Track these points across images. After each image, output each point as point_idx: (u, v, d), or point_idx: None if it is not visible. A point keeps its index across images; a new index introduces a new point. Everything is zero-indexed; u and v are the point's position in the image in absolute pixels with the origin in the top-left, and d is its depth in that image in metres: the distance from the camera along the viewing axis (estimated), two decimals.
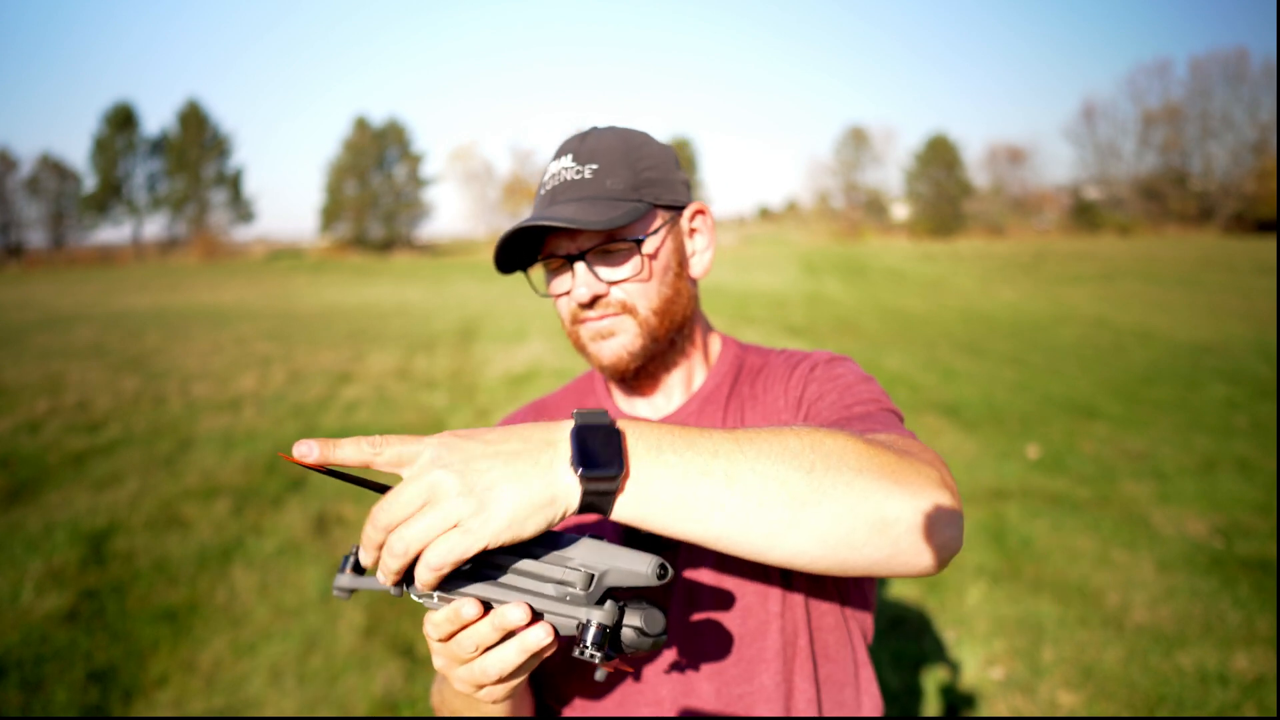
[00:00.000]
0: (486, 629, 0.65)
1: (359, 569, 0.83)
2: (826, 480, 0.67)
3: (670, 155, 1.02)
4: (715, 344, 1.10)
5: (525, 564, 0.66)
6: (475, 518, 0.60)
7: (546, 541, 0.67)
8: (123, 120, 47.20)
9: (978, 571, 3.76)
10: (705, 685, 0.95)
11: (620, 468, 0.63)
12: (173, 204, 48.48)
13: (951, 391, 7.56)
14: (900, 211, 53.40)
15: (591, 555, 0.65)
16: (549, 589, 0.65)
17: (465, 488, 0.61)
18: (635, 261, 0.96)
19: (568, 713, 1.00)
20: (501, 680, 0.68)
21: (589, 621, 0.63)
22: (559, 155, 0.99)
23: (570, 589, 0.64)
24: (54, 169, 46.07)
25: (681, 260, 1.02)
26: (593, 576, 0.64)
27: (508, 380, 8.41)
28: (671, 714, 0.95)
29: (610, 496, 0.64)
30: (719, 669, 0.95)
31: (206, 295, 20.12)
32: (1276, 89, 42.40)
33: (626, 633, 0.66)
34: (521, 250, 0.98)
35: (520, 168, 50.44)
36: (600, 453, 0.63)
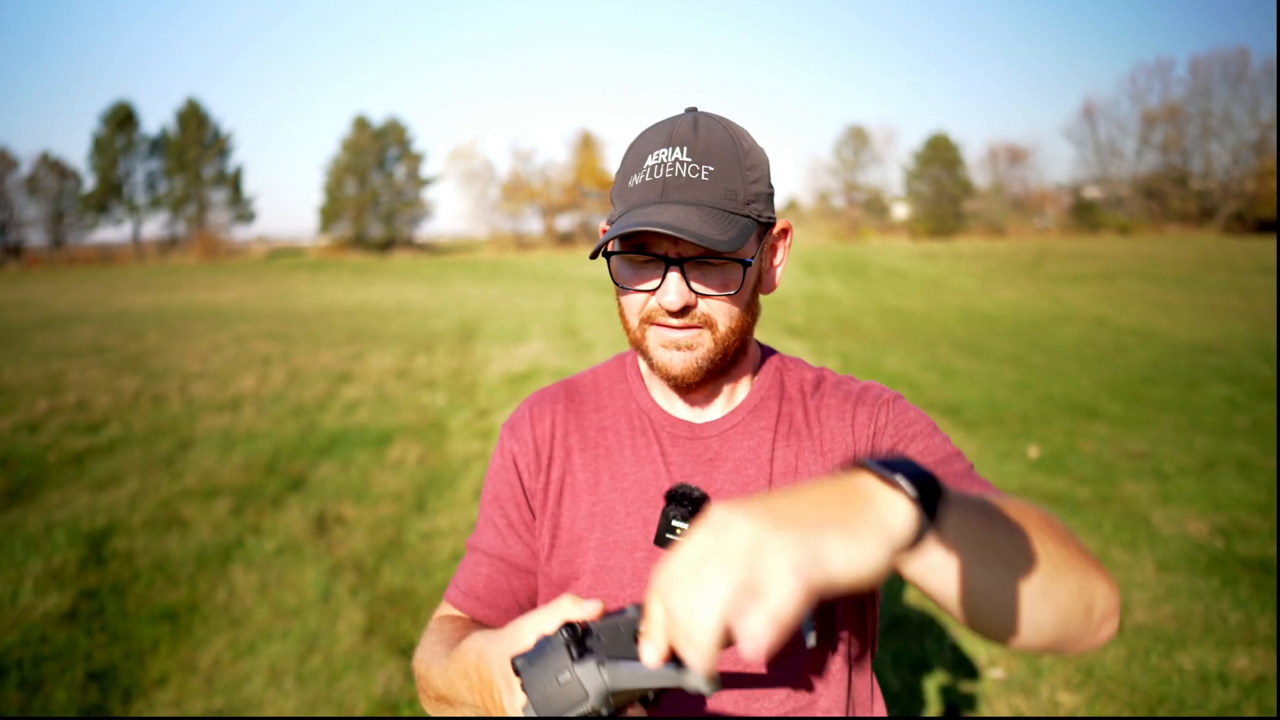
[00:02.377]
0: None
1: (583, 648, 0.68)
2: (1066, 554, 0.70)
3: (768, 164, 0.98)
4: (758, 353, 1.09)
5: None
6: (803, 552, 0.51)
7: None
8: (122, 120, 47.17)
9: None
10: (726, 696, 0.96)
11: (938, 481, 0.58)
12: (172, 203, 48.45)
13: (951, 391, 7.55)
14: (900, 211, 53.39)
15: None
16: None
17: (782, 522, 0.52)
18: (734, 281, 0.93)
19: None
20: None
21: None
22: (670, 144, 0.92)
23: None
24: (53, 168, 46.04)
25: (763, 278, 1.01)
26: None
27: (508, 380, 8.40)
28: None
29: (935, 513, 0.56)
30: (741, 682, 0.96)
31: (206, 295, 20.12)
32: (1277, 89, 42.38)
33: None
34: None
35: (520, 167, 50.42)
36: (912, 468, 0.58)
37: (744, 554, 0.50)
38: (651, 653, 0.56)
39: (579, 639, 0.66)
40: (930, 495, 0.56)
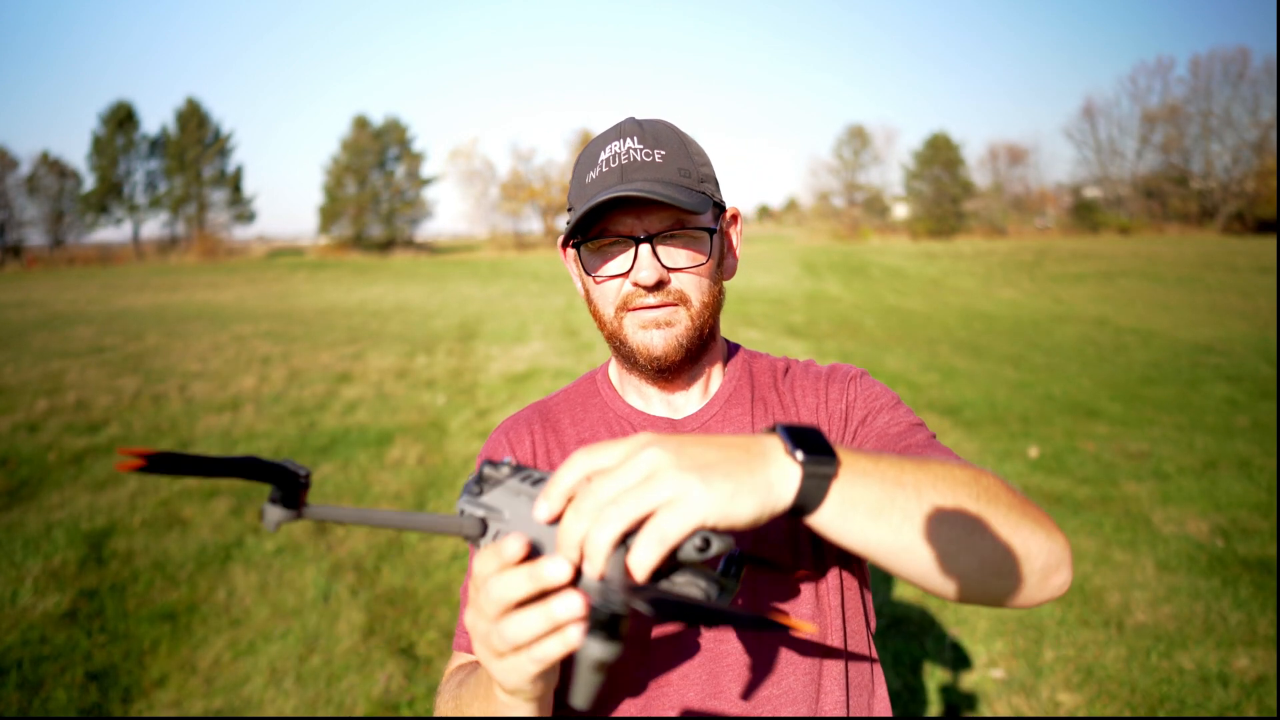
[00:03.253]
0: (520, 579, 0.60)
1: (290, 503, 0.67)
2: (990, 509, 0.72)
3: (708, 155, 1.04)
4: (724, 345, 1.11)
5: None
6: (696, 490, 0.59)
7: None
8: (122, 119, 47.16)
9: None
10: (733, 686, 0.95)
11: (835, 457, 0.65)
12: (172, 203, 48.45)
13: (952, 391, 7.55)
14: (900, 211, 53.37)
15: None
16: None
17: (684, 464, 0.60)
18: (701, 252, 0.96)
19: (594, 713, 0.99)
20: (517, 649, 0.62)
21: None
22: (620, 136, 0.96)
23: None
24: (53, 168, 46.02)
25: (724, 262, 1.04)
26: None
27: (508, 380, 8.40)
28: (698, 714, 0.94)
29: (826, 485, 0.64)
30: (747, 669, 0.95)
31: (206, 295, 20.11)
32: (1277, 88, 42.39)
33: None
34: (577, 225, 0.95)
35: (520, 167, 50.41)
36: (816, 443, 0.65)
37: (642, 482, 0.59)
38: (544, 511, 0.63)
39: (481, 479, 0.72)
40: (824, 463, 0.64)
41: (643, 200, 0.92)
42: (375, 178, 48.75)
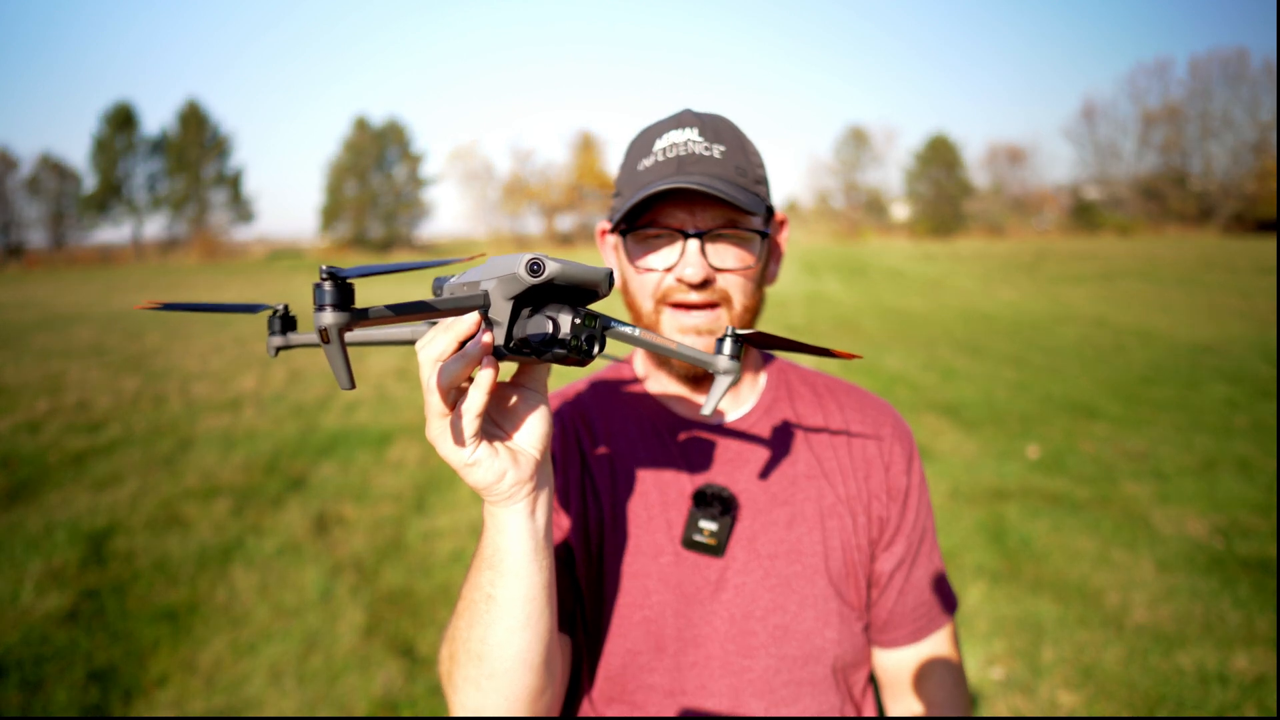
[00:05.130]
0: (445, 337, 0.66)
1: (287, 327, 0.89)
2: None
3: (763, 157, 1.00)
4: (758, 353, 1.08)
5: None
6: None
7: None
8: (122, 120, 47.19)
9: (978, 571, 3.76)
10: (755, 703, 0.95)
11: None
12: (173, 204, 48.47)
13: (951, 391, 7.55)
14: (900, 211, 53.40)
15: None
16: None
17: None
18: (750, 254, 0.93)
19: None
20: (451, 385, 0.66)
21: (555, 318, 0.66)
22: (679, 126, 0.93)
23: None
24: (54, 169, 46.06)
25: (769, 265, 1.01)
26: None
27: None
28: (699, 713, 0.95)
29: None
30: (769, 688, 0.95)
31: (207, 295, 20.11)
32: (1276, 89, 42.42)
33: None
34: (626, 213, 0.92)
35: (520, 168, 50.40)
36: None
37: None
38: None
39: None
40: None
41: (697, 194, 0.89)
42: (375, 178, 48.81)
